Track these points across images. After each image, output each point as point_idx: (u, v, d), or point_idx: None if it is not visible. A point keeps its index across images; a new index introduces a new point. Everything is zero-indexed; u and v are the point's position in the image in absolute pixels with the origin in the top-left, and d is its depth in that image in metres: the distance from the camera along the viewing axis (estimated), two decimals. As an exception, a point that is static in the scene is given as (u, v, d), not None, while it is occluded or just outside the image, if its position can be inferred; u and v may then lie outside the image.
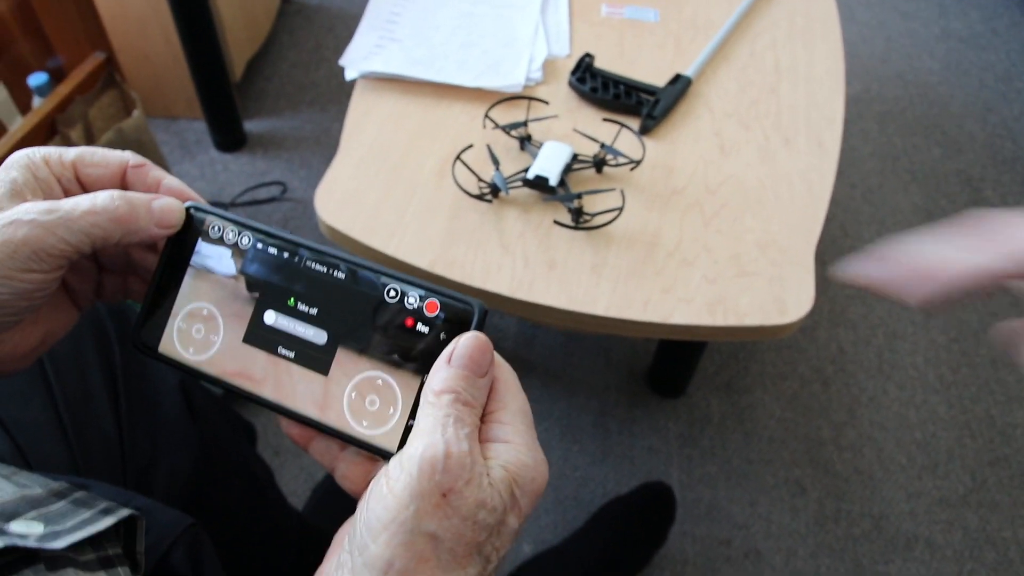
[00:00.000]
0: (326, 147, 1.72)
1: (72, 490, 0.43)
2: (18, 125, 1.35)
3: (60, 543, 0.36)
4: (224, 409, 0.82)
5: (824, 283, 1.50)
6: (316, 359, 0.39)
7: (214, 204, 1.57)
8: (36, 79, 1.37)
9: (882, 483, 1.25)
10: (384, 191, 0.89)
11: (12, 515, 0.37)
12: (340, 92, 1.86)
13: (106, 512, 0.41)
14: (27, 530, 0.36)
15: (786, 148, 0.97)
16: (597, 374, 1.35)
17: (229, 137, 1.72)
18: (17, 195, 0.37)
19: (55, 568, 0.36)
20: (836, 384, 1.36)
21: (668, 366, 1.31)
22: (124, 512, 0.42)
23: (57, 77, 1.41)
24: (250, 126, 1.77)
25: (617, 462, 1.25)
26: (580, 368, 1.36)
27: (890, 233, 1.57)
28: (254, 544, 0.82)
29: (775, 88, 1.05)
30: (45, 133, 1.32)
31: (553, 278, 0.82)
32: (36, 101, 1.39)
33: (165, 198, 0.40)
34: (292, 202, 1.61)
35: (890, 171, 1.72)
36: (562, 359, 1.37)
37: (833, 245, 1.56)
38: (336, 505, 1.18)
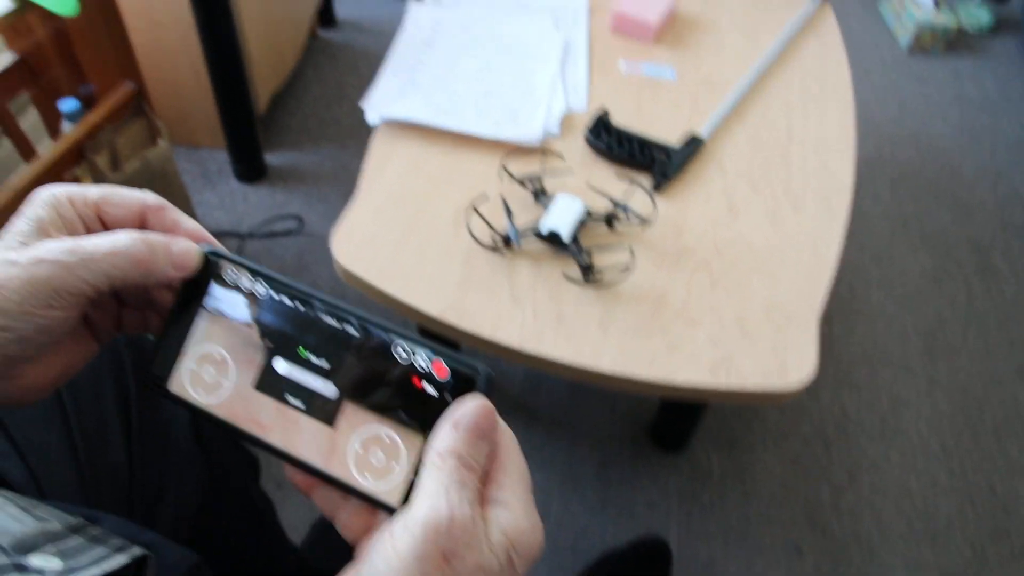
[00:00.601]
0: (344, 183, 1.74)
1: (87, 525, 0.44)
2: (47, 148, 1.38)
3: None
4: (231, 443, 0.83)
5: (830, 344, 1.50)
6: (324, 410, 0.40)
7: (232, 235, 1.61)
8: (68, 105, 1.40)
9: (880, 550, 1.24)
10: (401, 237, 0.91)
11: (31, 548, 0.38)
12: (360, 129, 1.88)
13: (120, 549, 0.42)
14: (45, 564, 0.37)
15: (795, 212, 0.99)
16: (601, 424, 1.36)
17: (250, 168, 1.75)
18: (42, 232, 0.39)
19: None
20: (838, 447, 1.36)
21: (671, 420, 1.31)
22: (137, 551, 0.43)
23: (87, 104, 1.45)
24: (271, 158, 1.80)
25: (616, 514, 1.25)
26: (584, 418, 1.36)
27: (898, 296, 1.58)
28: (252, 578, 0.82)
29: (786, 151, 1.07)
30: (73, 158, 1.35)
31: (561, 332, 0.83)
32: (66, 126, 1.42)
33: (183, 241, 0.41)
34: (308, 236, 1.63)
35: (900, 234, 1.74)
36: (567, 407, 1.38)
37: (841, 306, 1.57)
38: (334, 542, 1.18)
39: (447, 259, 0.89)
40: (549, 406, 1.38)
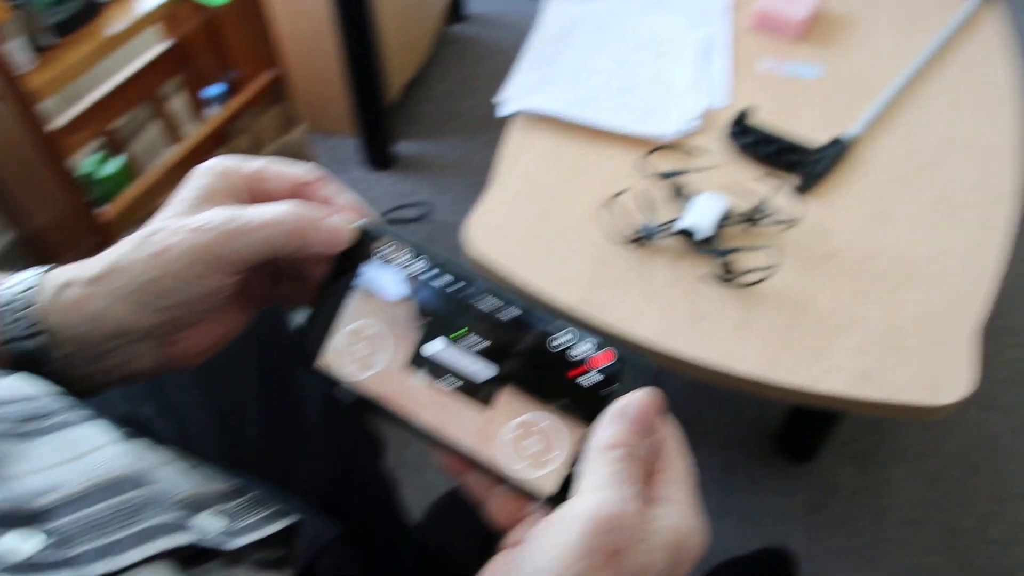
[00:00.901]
0: (470, 173, 1.76)
1: (248, 488, 0.45)
2: (191, 131, 1.45)
3: (239, 541, 0.38)
4: (359, 421, 0.84)
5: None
6: (479, 394, 0.38)
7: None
8: (214, 90, 1.47)
9: (1029, 586, 1.16)
10: (535, 227, 0.90)
11: (199, 507, 0.39)
12: (487, 122, 1.90)
13: (277, 515, 0.43)
14: (210, 524, 0.38)
15: (951, 221, 0.93)
16: (725, 428, 1.32)
17: (380, 156, 1.80)
18: (206, 201, 0.40)
19: (233, 564, 0.38)
20: (984, 471, 1.27)
21: (800, 429, 1.26)
22: (293, 517, 0.44)
23: (231, 89, 1.51)
24: (400, 148, 1.84)
25: (738, 522, 1.21)
26: (708, 421, 1.33)
27: (1054, 315, 1.47)
28: (374, 556, 0.84)
29: (943, 157, 1.01)
30: (216, 141, 1.41)
31: (697, 331, 0.81)
32: (209, 110, 1.49)
33: (338, 216, 0.41)
34: (434, 224, 1.66)
35: (1057, 249, 1.61)
36: (690, 410, 1.35)
37: (989, 324, 1.46)
38: (451, 526, 1.19)
39: (581, 251, 0.88)
40: (672, 407, 1.33)
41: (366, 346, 0.40)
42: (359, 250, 0.41)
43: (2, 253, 1.45)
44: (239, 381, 0.68)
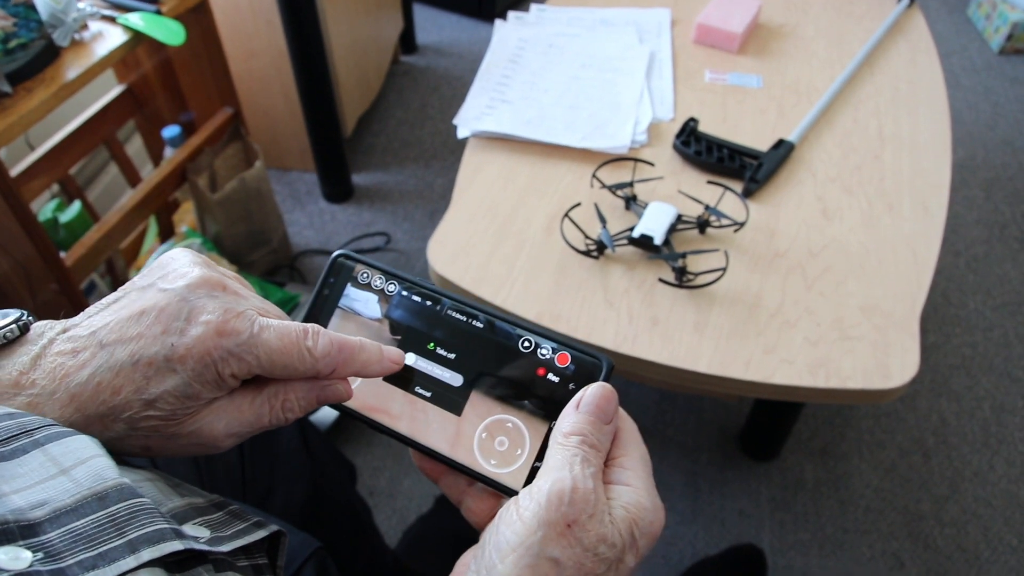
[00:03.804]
0: (429, 201, 1.79)
1: (227, 503, 0.46)
2: (149, 172, 1.46)
3: (226, 547, 0.39)
4: (332, 448, 0.86)
5: (926, 352, 1.46)
6: (451, 400, 0.42)
7: (322, 252, 1.66)
8: (170, 131, 1.48)
9: (989, 563, 1.19)
10: (494, 244, 0.93)
11: (183, 519, 0.41)
12: (443, 149, 1.94)
13: (258, 525, 0.45)
14: (196, 533, 0.40)
15: (890, 214, 0.98)
16: (689, 433, 1.35)
17: (338, 189, 1.81)
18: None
19: (220, 570, 0.40)
20: (938, 456, 1.32)
21: (762, 429, 1.30)
22: (273, 527, 0.45)
23: (188, 129, 1.52)
24: (357, 179, 1.86)
25: (707, 523, 1.24)
26: (672, 426, 1.36)
27: (998, 303, 1.53)
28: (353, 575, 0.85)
29: (879, 154, 1.06)
30: (176, 180, 1.42)
31: (656, 334, 0.84)
32: (168, 151, 1.50)
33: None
34: (395, 252, 1.68)
35: (997, 239, 1.68)
36: (655, 416, 1.37)
37: (935, 313, 1.53)
38: (427, 548, 1.20)
39: (540, 265, 0.91)
40: (637, 414, 1.37)
41: None
42: (339, 277, 0.44)
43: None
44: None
